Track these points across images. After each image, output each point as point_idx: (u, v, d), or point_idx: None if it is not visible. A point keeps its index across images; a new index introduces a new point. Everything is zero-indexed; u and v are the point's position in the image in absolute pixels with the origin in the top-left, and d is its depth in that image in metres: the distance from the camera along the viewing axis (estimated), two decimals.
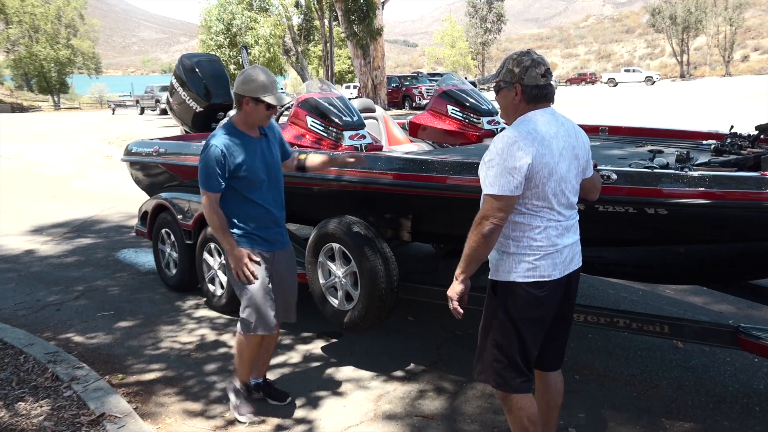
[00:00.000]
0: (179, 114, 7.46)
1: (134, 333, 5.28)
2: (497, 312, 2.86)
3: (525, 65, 2.78)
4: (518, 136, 2.67)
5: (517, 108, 2.83)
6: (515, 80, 2.79)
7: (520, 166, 2.64)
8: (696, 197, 3.22)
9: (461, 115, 5.95)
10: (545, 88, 2.80)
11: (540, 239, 2.77)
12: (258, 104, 3.53)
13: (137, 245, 8.19)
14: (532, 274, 2.78)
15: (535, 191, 2.71)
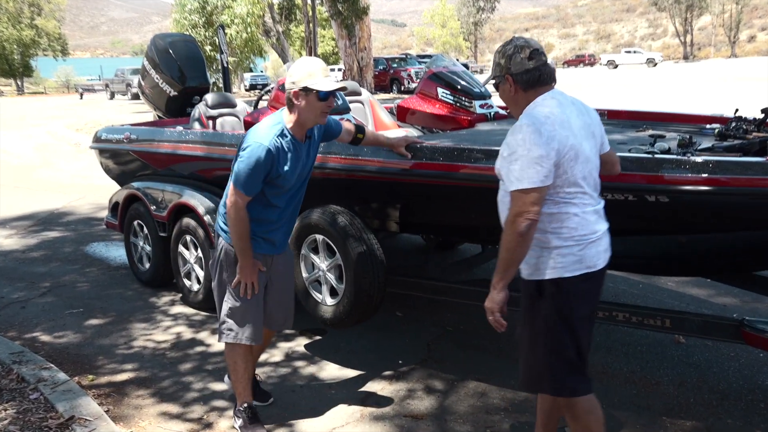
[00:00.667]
0: (152, 98, 7.41)
1: (105, 331, 5.27)
2: (546, 314, 2.80)
3: (508, 54, 2.81)
4: (537, 122, 2.65)
5: (516, 99, 2.84)
6: (504, 72, 2.82)
7: (547, 153, 2.62)
8: (699, 184, 3.24)
9: (452, 99, 5.94)
10: (537, 71, 2.78)
11: (581, 227, 2.76)
12: (309, 95, 3.35)
13: (108, 238, 8.16)
14: (579, 267, 2.76)
15: (565, 177, 2.69)
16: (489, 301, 2.81)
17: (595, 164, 2.83)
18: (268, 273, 3.67)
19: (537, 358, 2.88)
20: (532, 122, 2.66)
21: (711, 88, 27.05)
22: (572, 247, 2.75)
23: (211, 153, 5.37)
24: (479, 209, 4.27)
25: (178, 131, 5.83)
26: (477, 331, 5.04)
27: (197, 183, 5.73)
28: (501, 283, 2.76)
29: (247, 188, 3.38)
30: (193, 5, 29.66)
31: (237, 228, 3.44)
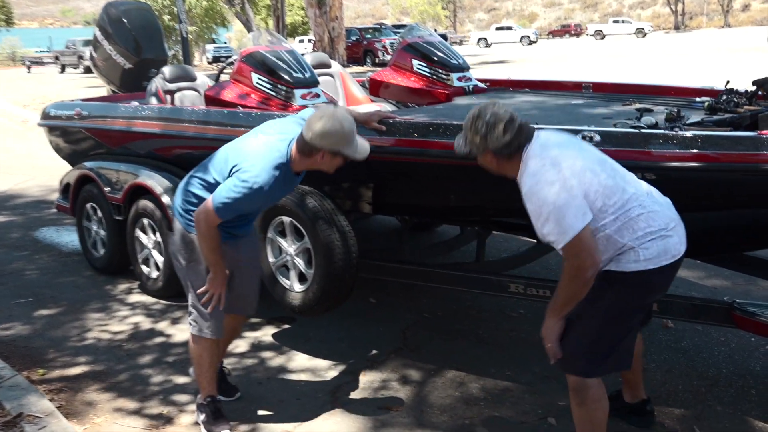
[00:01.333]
0: (105, 72, 7.33)
1: (57, 322, 5.23)
2: (611, 304, 2.90)
3: (482, 133, 2.89)
4: (542, 176, 2.76)
5: (502, 167, 2.97)
6: (482, 149, 2.93)
7: (569, 193, 2.72)
8: (687, 160, 3.27)
9: (428, 71, 5.94)
10: (516, 139, 2.88)
11: (654, 223, 2.86)
12: (335, 157, 3.33)
13: (59, 223, 8.08)
14: (665, 257, 2.87)
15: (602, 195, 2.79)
16: (546, 330, 2.98)
17: (613, 166, 2.93)
18: (234, 257, 3.64)
19: (581, 337, 2.95)
20: (537, 180, 2.77)
21: (702, 59, 27.25)
22: (655, 240, 2.85)
23: (169, 130, 5.31)
24: (457, 188, 4.29)
25: (134, 107, 5.76)
26: (455, 316, 5.07)
27: (155, 162, 5.67)
28: (559, 316, 2.93)
29: (225, 215, 3.32)
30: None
31: (207, 242, 3.39)
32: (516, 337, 4.71)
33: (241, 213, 3.39)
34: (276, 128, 3.48)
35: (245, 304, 3.85)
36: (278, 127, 3.49)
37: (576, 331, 2.96)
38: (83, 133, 6.31)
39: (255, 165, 3.26)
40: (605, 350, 2.98)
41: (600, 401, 3.00)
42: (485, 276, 4.43)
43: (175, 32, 26.67)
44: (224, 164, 3.39)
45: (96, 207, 6.09)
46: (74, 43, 41.16)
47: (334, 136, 3.24)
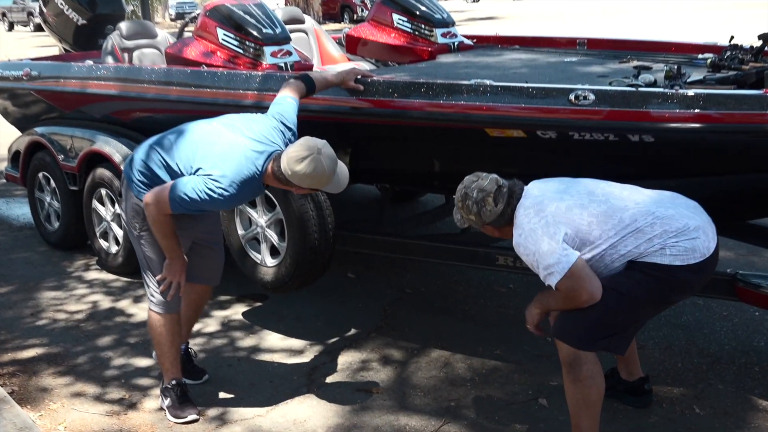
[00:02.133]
0: (56, 28, 7.23)
1: (8, 302, 5.20)
2: (633, 286, 2.96)
3: (474, 211, 3.11)
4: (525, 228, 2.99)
5: (503, 233, 3.20)
6: (480, 224, 3.16)
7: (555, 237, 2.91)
8: (688, 121, 3.27)
9: (410, 26, 5.90)
10: (509, 206, 3.08)
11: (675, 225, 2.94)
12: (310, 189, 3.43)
13: (8, 194, 8.01)
14: (694, 255, 2.93)
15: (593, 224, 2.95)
16: (528, 313, 3.23)
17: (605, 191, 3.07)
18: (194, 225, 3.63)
19: (590, 311, 2.98)
20: (521, 230, 3.01)
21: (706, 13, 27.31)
22: (680, 242, 2.92)
23: (127, 91, 5.24)
24: (442, 153, 4.28)
25: (88, 66, 5.69)
26: (439, 292, 5.09)
27: (112, 127, 5.61)
28: (543, 312, 3.19)
29: (178, 210, 3.30)
30: None
31: (160, 227, 3.37)
32: (505, 314, 4.74)
33: (199, 212, 3.41)
34: (255, 131, 3.41)
35: (207, 272, 3.86)
36: (258, 129, 3.42)
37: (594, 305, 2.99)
38: (33, 96, 6.23)
39: (226, 176, 3.24)
40: (608, 330, 3.03)
41: (595, 378, 3.04)
42: (472, 248, 4.42)
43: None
44: (192, 157, 3.36)
45: (49, 176, 6.04)
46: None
47: (316, 179, 3.23)
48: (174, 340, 3.70)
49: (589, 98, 3.41)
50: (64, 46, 7.36)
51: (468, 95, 3.68)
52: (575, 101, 3.41)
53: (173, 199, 3.25)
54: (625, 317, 3.03)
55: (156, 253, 3.56)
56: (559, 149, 3.69)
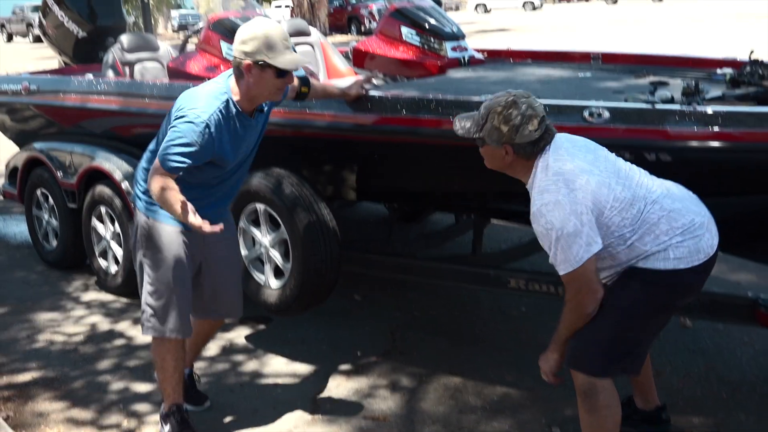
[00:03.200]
0: (56, 41, 7.29)
1: (3, 324, 5.21)
2: (637, 299, 2.95)
3: (515, 123, 2.87)
4: (552, 197, 2.82)
5: (513, 166, 3.00)
6: (504, 140, 2.91)
7: (581, 219, 2.79)
8: (707, 139, 3.27)
9: (419, 40, 5.91)
10: (542, 139, 2.92)
11: (681, 222, 2.91)
12: (264, 71, 3.21)
13: (5, 211, 8.04)
14: (698, 257, 2.92)
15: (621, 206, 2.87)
16: (544, 362, 3.15)
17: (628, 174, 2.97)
18: (203, 251, 3.61)
19: (597, 332, 2.97)
20: (547, 200, 2.83)
21: (725, 26, 27.33)
22: (684, 241, 2.90)
23: (128, 107, 5.27)
24: (451, 171, 4.28)
25: (88, 80, 5.72)
26: (449, 315, 5.07)
27: (112, 143, 5.64)
28: (560, 349, 3.07)
29: (174, 168, 3.23)
30: None
31: (166, 202, 3.25)
32: (517, 338, 4.72)
33: (195, 164, 3.26)
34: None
35: (225, 305, 3.81)
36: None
37: (593, 324, 2.98)
38: (32, 111, 6.26)
39: (194, 102, 3.26)
40: (621, 349, 3.01)
41: (611, 407, 3.01)
42: (482, 270, 4.42)
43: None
44: (167, 122, 3.38)
45: (47, 193, 6.05)
46: (22, 9, 40.97)
47: (254, 40, 3.18)
48: (178, 365, 3.68)
49: (603, 115, 3.42)
50: (64, 59, 7.40)
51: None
52: (590, 118, 3.42)
53: (163, 157, 3.20)
54: (634, 333, 3.01)
55: (161, 276, 3.54)
56: None
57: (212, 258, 3.66)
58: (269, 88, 3.29)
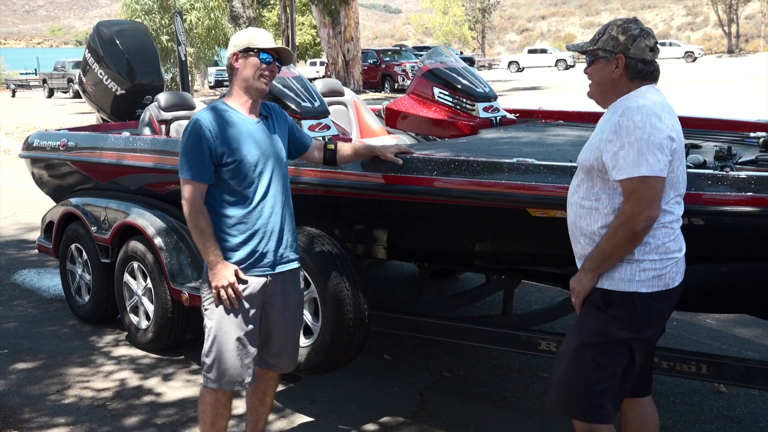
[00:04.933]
0: (95, 97, 7.43)
1: (35, 377, 5.23)
2: (608, 328, 2.92)
3: (633, 33, 2.91)
4: (656, 106, 2.80)
5: (616, 84, 2.96)
6: (619, 49, 2.92)
7: (668, 140, 2.77)
8: (741, 204, 3.25)
9: (451, 100, 5.97)
10: (652, 65, 2.95)
11: (670, 240, 2.92)
12: (248, 56, 3.51)
13: (40, 265, 8.12)
14: (659, 283, 2.89)
15: (670, 176, 2.84)
16: (575, 282, 3.01)
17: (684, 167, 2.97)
18: (263, 299, 3.59)
19: (577, 373, 2.95)
20: (651, 105, 2.79)
21: (758, 87, 27.24)
22: (655, 262, 2.88)
23: (163, 164, 5.36)
24: (482, 233, 4.28)
25: (125, 137, 5.82)
26: (478, 377, 5.02)
27: (147, 199, 5.72)
28: (596, 271, 2.93)
29: (194, 171, 3.44)
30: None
31: (196, 223, 3.45)
32: None
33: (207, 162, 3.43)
34: None
35: (275, 355, 3.76)
36: None
37: (571, 363, 2.97)
38: (69, 166, 6.37)
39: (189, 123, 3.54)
40: (605, 386, 2.95)
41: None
42: (513, 331, 4.40)
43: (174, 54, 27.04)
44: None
45: (81, 248, 6.13)
46: (63, 65, 41.82)
47: (240, 37, 3.58)
48: (216, 421, 3.65)
49: None
50: (102, 116, 7.53)
51: (510, 174, 3.70)
52: None
53: (182, 171, 3.47)
54: (613, 364, 2.94)
55: (220, 324, 3.52)
56: None
57: (269, 303, 3.64)
58: (255, 71, 3.52)
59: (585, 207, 2.97)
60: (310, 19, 47.79)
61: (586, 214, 2.96)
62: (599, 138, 2.89)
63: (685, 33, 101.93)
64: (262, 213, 3.53)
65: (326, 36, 30.82)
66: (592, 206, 2.93)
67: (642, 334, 2.96)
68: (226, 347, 3.53)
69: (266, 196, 3.54)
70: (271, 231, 3.56)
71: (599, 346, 2.93)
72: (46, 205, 6.90)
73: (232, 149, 3.43)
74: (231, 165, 3.44)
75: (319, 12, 30.28)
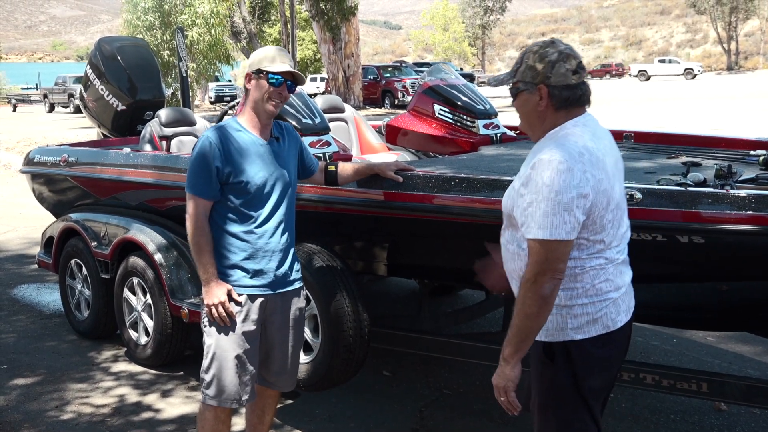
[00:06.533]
0: (96, 113, 7.44)
1: (33, 393, 5.22)
2: (557, 383, 2.76)
3: (550, 60, 2.67)
4: (571, 159, 2.54)
5: (543, 116, 2.74)
6: (539, 80, 2.68)
7: (578, 201, 2.54)
8: (740, 222, 3.25)
9: (451, 117, 5.99)
10: (579, 89, 2.71)
11: (600, 281, 2.70)
12: (259, 78, 3.51)
13: (40, 280, 8.12)
14: (594, 328, 2.71)
15: (592, 227, 2.63)
16: (500, 378, 2.76)
17: (624, 209, 2.78)
18: (262, 317, 3.59)
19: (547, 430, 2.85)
20: (564, 158, 2.54)
21: (758, 105, 27.32)
22: (586, 306, 2.70)
23: (163, 180, 5.36)
24: (482, 249, 4.27)
25: (125, 153, 5.84)
26: (479, 394, 5.01)
27: (147, 215, 5.72)
28: (516, 356, 2.70)
29: (199, 188, 3.47)
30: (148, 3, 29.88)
31: (196, 239, 3.48)
32: None
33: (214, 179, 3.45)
34: None
35: (274, 374, 3.76)
36: None
37: (542, 424, 2.85)
38: (69, 182, 6.38)
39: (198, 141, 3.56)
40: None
41: None
42: None
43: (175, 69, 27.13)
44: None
45: (81, 264, 6.13)
46: (64, 80, 41.92)
47: (254, 57, 3.58)
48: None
49: (636, 197, 3.41)
50: (103, 131, 7.54)
51: None
52: None
53: (188, 187, 3.51)
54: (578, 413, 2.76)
55: (220, 342, 3.53)
56: None
57: (269, 321, 3.63)
58: (265, 93, 3.50)
59: (510, 251, 2.81)
60: (311, 35, 47.99)
61: (511, 258, 2.81)
62: (518, 183, 2.72)
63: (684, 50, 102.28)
64: (265, 233, 3.55)
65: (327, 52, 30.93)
66: (515, 251, 2.77)
67: (588, 384, 2.73)
68: (225, 365, 3.53)
69: (271, 218, 3.56)
70: (272, 251, 3.57)
71: (558, 403, 2.77)
72: (46, 220, 6.90)
73: (238, 170, 3.45)
74: (237, 185, 3.47)
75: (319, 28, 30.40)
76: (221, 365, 3.53)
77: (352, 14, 30.00)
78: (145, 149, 6.06)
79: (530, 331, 2.64)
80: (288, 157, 3.67)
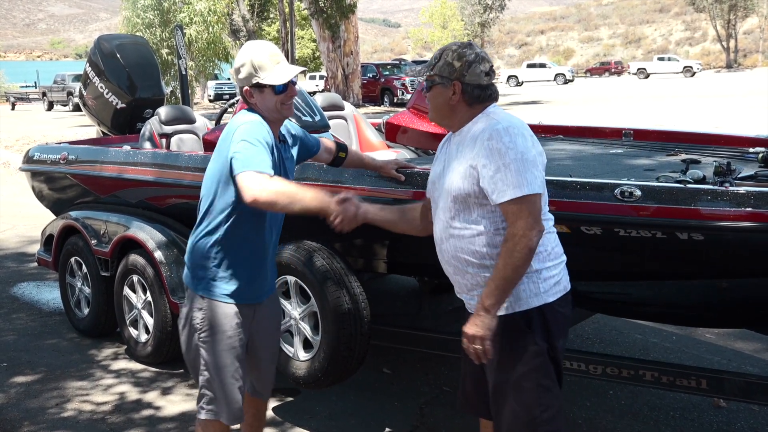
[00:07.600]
0: (95, 111, 7.44)
1: (33, 391, 5.23)
2: (535, 348, 2.92)
3: (468, 60, 2.92)
4: (519, 124, 2.85)
5: (454, 110, 2.98)
6: (455, 76, 2.93)
7: (538, 156, 2.85)
8: (740, 219, 3.26)
9: None
10: (489, 89, 2.97)
11: (555, 245, 3.01)
12: (262, 90, 3.34)
13: (40, 278, 8.12)
14: (559, 288, 2.98)
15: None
16: (479, 328, 2.85)
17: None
18: (251, 327, 3.53)
19: (528, 401, 2.93)
20: (515, 125, 2.84)
21: (758, 102, 27.32)
22: (550, 269, 2.94)
23: (163, 177, 5.36)
24: None
25: (125, 151, 5.83)
26: None
27: (147, 213, 5.72)
28: (496, 307, 2.85)
29: (261, 163, 3.15)
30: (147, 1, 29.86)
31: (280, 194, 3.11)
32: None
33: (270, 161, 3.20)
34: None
35: (259, 381, 3.74)
36: None
37: (519, 398, 2.93)
38: (69, 180, 6.38)
39: (242, 119, 3.33)
40: (556, 407, 2.97)
41: None
42: None
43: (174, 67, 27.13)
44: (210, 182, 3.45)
45: (81, 262, 6.13)
46: (63, 78, 41.89)
47: (243, 67, 3.34)
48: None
49: (635, 194, 3.42)
50: (102, 129, 7.54)
51: None
52: (621, 197, 3.42)
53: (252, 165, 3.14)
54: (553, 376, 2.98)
55: (219, 360, 3.44)
56: (604, 246, 3.68)
57: (255, 330, 3.58)
58: (273, 105, 3.37)
59: (466, 236, 2.93)
60: (310, 33, 47.97)
61: (469, 241, 2.93)
62: (468, 165, 2.86)
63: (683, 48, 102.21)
64: (265, 239, 3.49)
65: (326, 50, 30.92)
66: (474, 232, 2.91)
67: (559, 345, 2.99)
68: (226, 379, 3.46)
69: (269, 228, 3.50)
70: (261, 264, 3.52)
71: (539, 368, 2.92)
72: (46, 218, 6.90)
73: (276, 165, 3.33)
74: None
75: (318, 26, 30.37)
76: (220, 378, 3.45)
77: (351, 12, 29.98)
78: (145, 147, 6.06)
79: (513, 282, 2.82)
80: (290, 162, 3.62)
